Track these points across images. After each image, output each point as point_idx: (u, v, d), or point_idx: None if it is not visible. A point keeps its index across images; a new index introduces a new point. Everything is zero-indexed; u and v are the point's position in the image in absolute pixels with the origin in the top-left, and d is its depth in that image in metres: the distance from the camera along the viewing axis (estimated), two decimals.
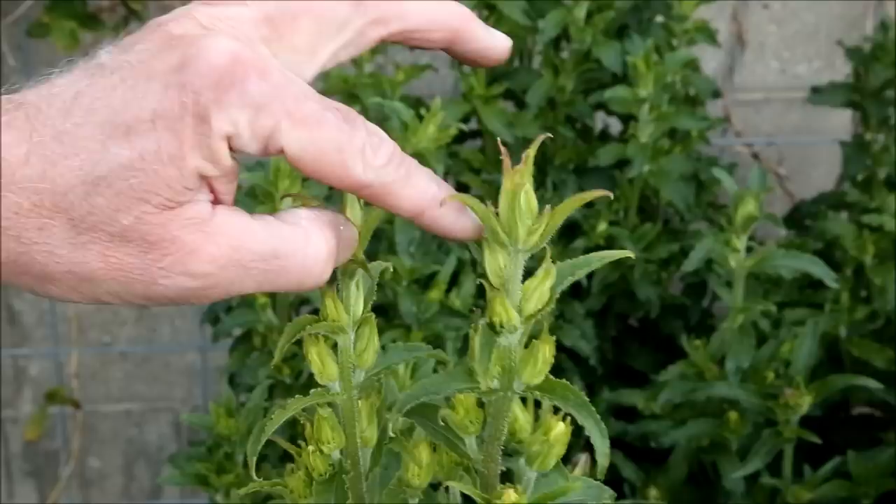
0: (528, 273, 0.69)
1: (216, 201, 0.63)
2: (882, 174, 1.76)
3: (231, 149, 0.61)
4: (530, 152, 0.66)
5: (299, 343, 0.77)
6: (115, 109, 0.60)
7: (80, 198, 0.60)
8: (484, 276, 0.69)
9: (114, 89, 0.61)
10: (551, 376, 0.72)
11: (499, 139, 0.73)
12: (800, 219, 1.90)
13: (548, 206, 0.66)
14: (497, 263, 0.68)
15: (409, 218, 0.66)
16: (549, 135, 0.70)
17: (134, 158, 0.60)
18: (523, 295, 0.69)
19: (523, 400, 0.75)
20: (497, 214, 0.67)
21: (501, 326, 0.68)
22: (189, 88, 0.60)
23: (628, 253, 0.72)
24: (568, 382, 0.71)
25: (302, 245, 0.64)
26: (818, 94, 1.84)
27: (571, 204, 0.67)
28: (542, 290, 0.69)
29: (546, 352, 0.71)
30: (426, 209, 0.65)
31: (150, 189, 0.60)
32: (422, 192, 0.65)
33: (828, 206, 1.81)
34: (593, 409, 0.70)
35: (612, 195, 0.67)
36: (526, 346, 0.71)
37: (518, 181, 0.66)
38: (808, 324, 1.46)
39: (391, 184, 0.64)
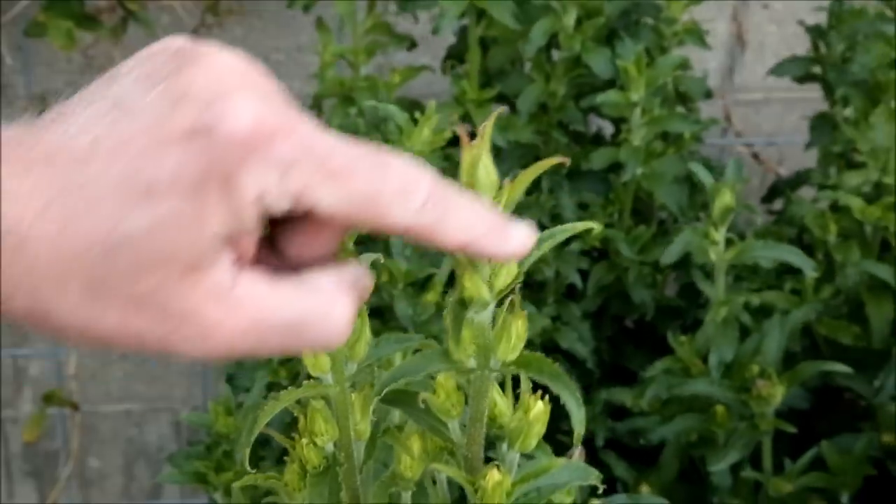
0: None
1: (240, 258, 0.60)
2: (837, 149, 1.73)
3: (259, 210, 0.59)
4: (487, 125, 0.66)
5: None
6: (135, 165, 0.57)
7: (98, 260, 0.57)
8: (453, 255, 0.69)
9: (132, 140, 0.57)
10: (526, 351, 0.72)
11: (455, 118, 0.73)
12: (776, 197, 1.89)
13: (507, 178, 0.67)
14: None
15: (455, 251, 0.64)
16: (506, 107, 0.70)
17: (154, 223, 0.57)
18: (492, 270, 0.69)
19: (502, 386, 0.75)
20: None
21: (471, 302, 0.69)
22: (211, 154, 0.57)
23: (593, 224, 0.72)
24: (542, 355, 0.71)
25: (325, 314, 0.62)
26: (779, 66, 1.84)
27: (531, 173, 0.67)
28: (510, 265, 0.69)
29: (519, 327, 0.71)
30: (470, 243, 0.63)
31: (171, 255, 0.57)
32: (464, 226, 0.62)
33: (793, 185, 1.81)
34: (568, 378, 0.70)
35: (568, 162, 0.67)
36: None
37: (476, 153, 0.66)
38: (776, 315, 1.46)
39: (431, 224, 0.61)
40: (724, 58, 2.23)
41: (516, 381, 0.77)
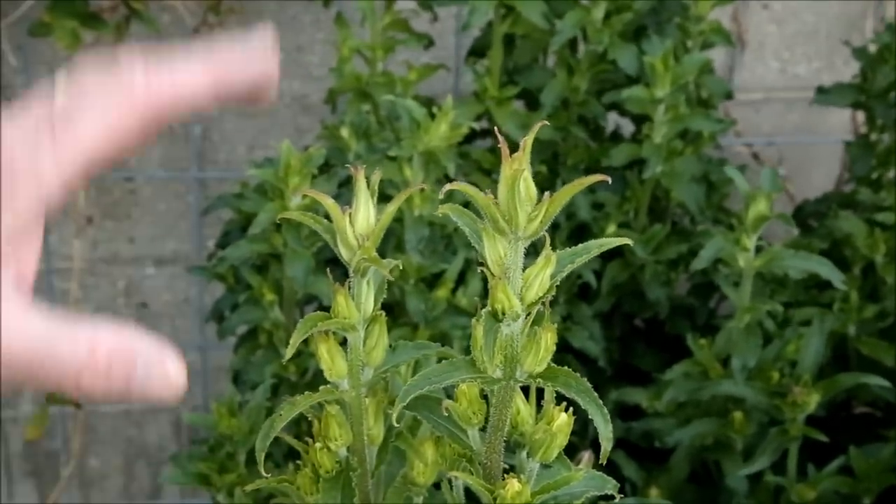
0: None
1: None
2: (892, 174, 1.76)
3: None
4: (528, 139, 0.66)
5: (304, 340, 0.77)
6: None
7: None
8: (485, 265, 0.69)
9: None
10: (553, 364, 0.72)
11: (496, 129, 0.73)
12: (804, 218, 1.91)
13: (546, 193, 0.66)
14: (497, 252, 0.69)
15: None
16: (547, 122, 0.70)
17: None
18: (524, 283, 0.69)
19: (525, 393, 0.75)
20: (496, 203, 0.67)
21: (503, 314, 0.69)
22: None
23: (627, 240, 0.72)
24: (570, 369, 0.71)
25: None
26: (824, 94, 1.84)
27: (570, 190, 0.67)
28: (542, 278, 0.69)
29: (548, 339, 0.71)
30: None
31: None
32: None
33: (837, 205, 1.82)
34: (596, 395, 0.70)
35: (609, 179, 0.67)
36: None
37: (517, 167, 0.66)
38: (815, 322, 1.46)
39: None
40: (724, 58, 2.23)
41: (539, 388, 0.76)
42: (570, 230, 1.65)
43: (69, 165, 0.64)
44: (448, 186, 0.65)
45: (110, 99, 0.65)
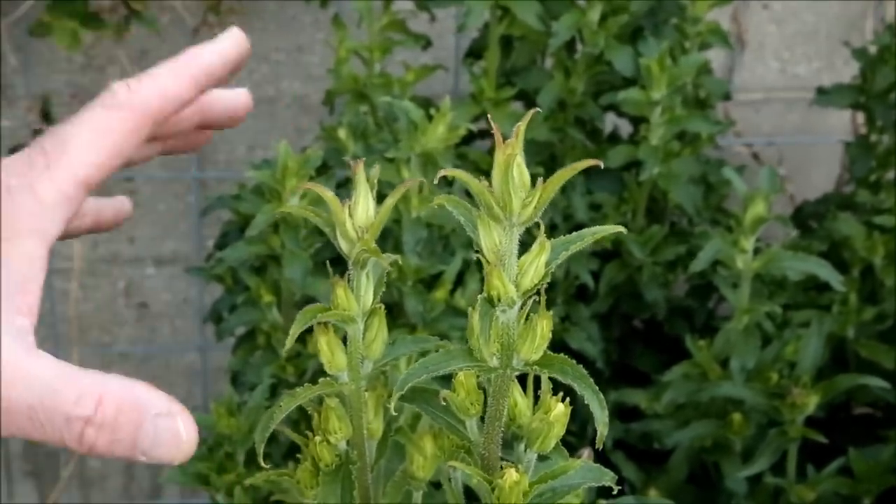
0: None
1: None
2: (891, 175, 1.77)
3: None
4: (521, 125, 0.66)
5: (303, 341, 0.77)
6: None
7: None
8: (481, 253, 0.69)
9: None
10: (549, 351, 0.72)
11: (489, 116, 0.73)
12: (803, 219, 1.91)
13: (540, 179, 0.67)
14: (493, 239, 0.69)
15: None
16: (540, 109, 0.70)
17: None
18: (519, 269, 0.69)
19: (522, 385, 0.75)
20: (491, 190, 0.67)
21: (499, 300, 0.69)
22: None
23: (620, 228, 0.72)
24: (566, 356, 0.71)
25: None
26: (824, 95, 1.85)
27: (563, 175, 0.67)
28: (538, 265, 0.69)
29: (544, 327, 0.71)
30: None
31: None
32: None
33: (836, 206, 1.82)
34: (592, 380, 0.70)
35: (601, 164, 0.67)
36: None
37: (510, 153, 0.66)
38: (814, 323, 1.46)
39: None
40: (724, 58, 2.23)
41: (536, 381, 0.77)
42: (567, 231, 1.65)
43: (67, 185, 0.64)
44: (442, 172, 0.65)
45: (98, 113, 0.66)
